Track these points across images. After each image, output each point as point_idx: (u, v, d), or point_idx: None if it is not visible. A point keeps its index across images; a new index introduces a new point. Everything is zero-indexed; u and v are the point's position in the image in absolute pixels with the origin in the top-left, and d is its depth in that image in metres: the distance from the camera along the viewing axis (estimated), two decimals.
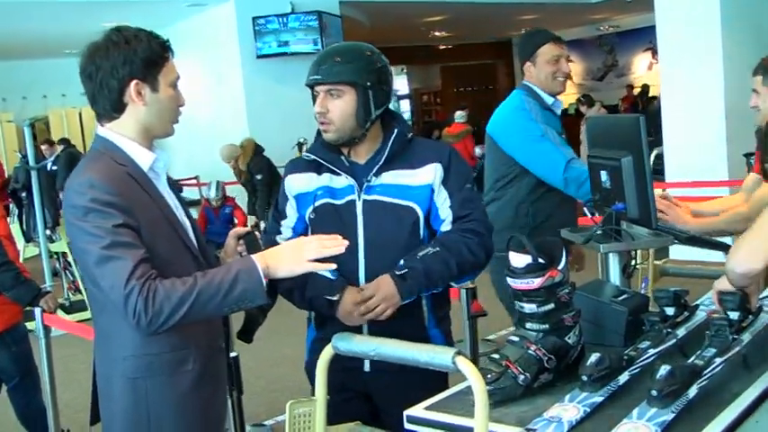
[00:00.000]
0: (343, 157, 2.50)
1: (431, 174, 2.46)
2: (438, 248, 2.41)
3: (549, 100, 3.60)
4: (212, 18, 11.89)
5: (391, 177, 2.47)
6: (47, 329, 3.79)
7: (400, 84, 23.21)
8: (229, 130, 11.77)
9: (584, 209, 2.64)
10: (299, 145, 9.87)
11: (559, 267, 2.00)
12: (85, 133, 14.04)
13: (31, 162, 7.12)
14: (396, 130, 2.49)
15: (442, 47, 19.77)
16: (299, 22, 10.93)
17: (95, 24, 11.13)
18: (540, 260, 1.98)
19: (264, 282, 1.99)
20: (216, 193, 8.88)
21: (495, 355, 2.00)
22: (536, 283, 1.97)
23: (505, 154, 3.54)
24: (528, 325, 2.03)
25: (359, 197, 2.46)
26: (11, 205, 9.56)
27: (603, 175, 2.55)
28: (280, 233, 2.60)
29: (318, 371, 2.01)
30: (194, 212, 11.09)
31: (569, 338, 2.04)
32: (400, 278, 2.36)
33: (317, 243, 2.06)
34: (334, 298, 2.40)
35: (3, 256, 3.63)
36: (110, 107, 2.08)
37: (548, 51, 3.57)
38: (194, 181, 11.32)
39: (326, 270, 2.19)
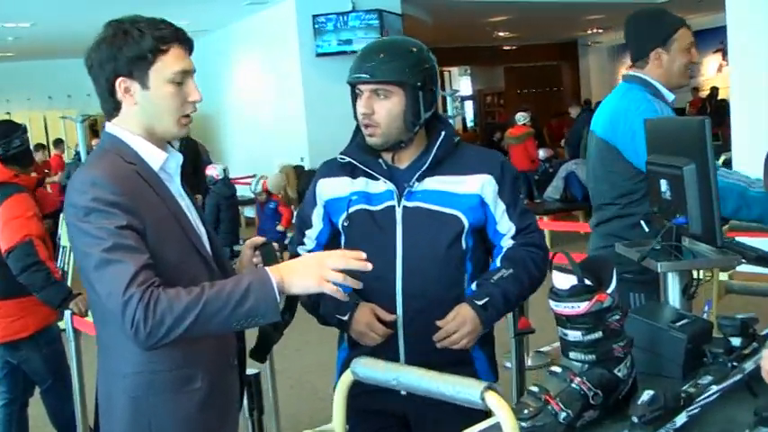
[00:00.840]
0: (381, 161, 2.31)
1: (480, 184, 2.27)
2: (511, 270, 2.26)
3: (669, 96, 2.99)
4: (272, 16, 11.85)
5: (435, 183, 2.27)
6: (77, 332, 3.67)
7: (464, 84, 22.98)
8: (289, 127, 11.72)
9: (642, 222, 2.38)
10: None
11: (609, 290, 1.76)
12: None
13: (83, 158, 7.10)
14: (443, 134, 2.29)
15: (506, 47, 19.43)
16: (359, 21, 10.80)
17: None
18: (587, 282, 1.75)
19: (279, 297, 1.80)
20: (257, 188, 8.75)
21: (534, 388, 1.77)
22: (582, 307, 1.74)
23: (632, 166, 2.89)
24: (572, 355, 1.79)
25: (399, 203, 2.27)
26: None
27: (663, 185, 2.29)
28: (303, 244, 2.42)
29: (336, 399, 1.83)
30: (250, 211, 11.11)
31: (619, 371, 1.80)
32: (482, 308, 2.21)
33: (341, 258, 1.85)
34: (344, 318, 2.24)
35: (34, 256, 3.53)
36: (106, 105, 1.95)
37: (684, 37, 2.98)
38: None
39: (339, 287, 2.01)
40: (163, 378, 1.90)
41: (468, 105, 23.07)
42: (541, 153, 11.12)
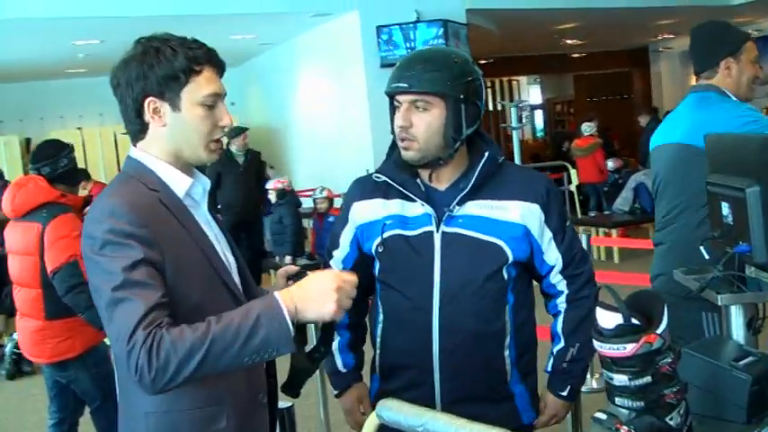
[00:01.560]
0: (419, 181, 2.17)
1: (523, 212, 2.12)
2: (578, 343, 2.21)
3: None
4: (337, 28, 11.81)
5: (477, 209, 2.13)
6: None
7: (534, 93, 22.66)
8: (353, 139, 11.66)
9: (701, 248, 2.18)
10: None
11: (659, 330, 1.60)
12: None
13: None
14: (486, 154, 2.14)
15: (575, 55, 19.05)
16: (423, 31, 10.66)
17: (223, 38, 11.26)
18: (635, 321, 1.59)
19: (292, 327, 1.65)
20: (321, 193, 8.64)
21: None
22: (628, 349, 1.58)
23: None
24: (618, 401, 1.64)
25: (437, 229, 2.12)
26: None
27: (725, 208, 2.09)
28: (328, 264, 2.31)
29: None
30: (309, 223, 11.10)
31: (671, 419, 1.64)
32: (568, 396, 2.27)
33: (350, 286, 1.72)
34: (335, 392, 2.34)
35: (78, 276, 3.50)
36: (131, 126, 1.85)
37: (751, 50, 2.95)
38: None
39: (342, 354, 2.30)
40: (186, 417, 1.80)
41: (538, 115, 22.75)
42: (610, 164, 10.78)
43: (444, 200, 2.14)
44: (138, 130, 1.85)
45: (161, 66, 1.78)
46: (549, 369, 2.26)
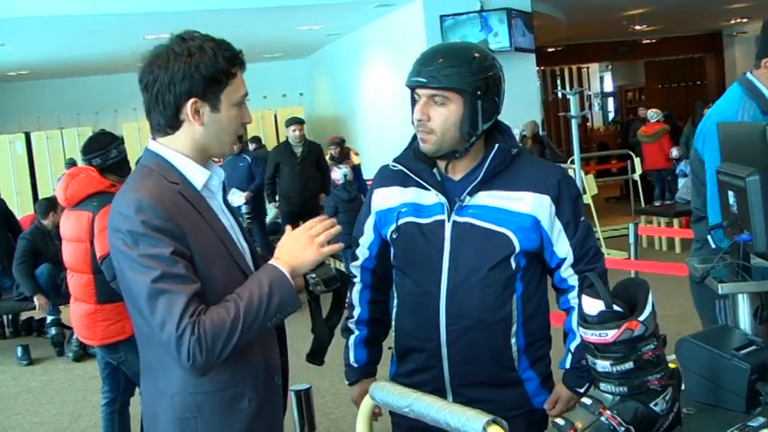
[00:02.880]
0: (435, 170, 2.22)
1: (534, 204, 2.14)
2: None
3: None
4: (400, 18, 11.85)
5: (488, 199, 2.16)
6: None
7: (605, 81, 22.30)
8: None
9: (708, 237, 2.18)
10: None
11: (642, 318, 1.62)
12: (280, 134, 14.50)
13: None
14: (497, 146, 2.17)
15: (645, 41, 18.66)
16: (488, 20, 10.61)
17: (291, 29, 11.39)
18: (617, 307, 1.62)
19: (294, 283, 1.85)
20: (341, 177, 8.37)
21: (561, 421, 1.66)
22: (610, 336, 1.61)
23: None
24: (602, 386, 1.67)
25: (449, 218, 2.17)
26: None
27: (731, 197, 2.09)
28: (356, 255, 2.40)
29: (359, 422, 1.77)
30: None
31: (656, 405, 1.66)
32: (584, 392, 2.13)
33: (321, 230, 1.92)
34: (346, 382, 2.39)
35: None
36: (164, 123, 1.89)
37: None
38: None
39: (356, 349, 2.38)
40: (211, 399, 1.88)
41: (610, 102, 22.39)
42: (674, 152, 10.55)
43: (458, 190, 2.18)
44: (169, 126, 1.89)
45: (207, 67, 1.83)
46: (567, 366, 2.25)
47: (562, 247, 2.18)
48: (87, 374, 6.35)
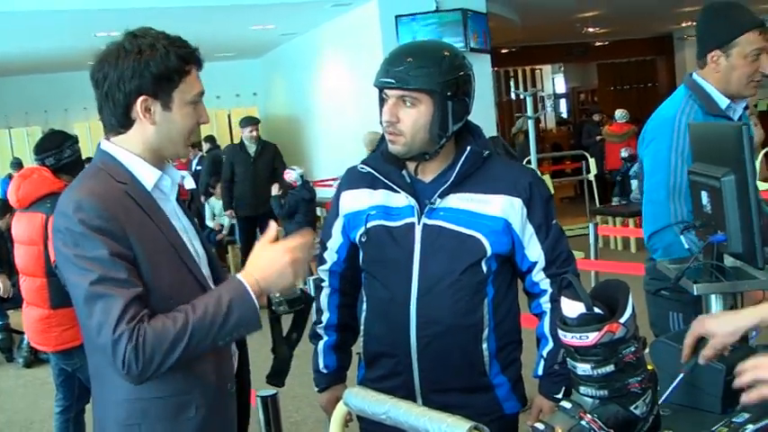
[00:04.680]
0: (404, 172, 2.17)
1: (505, 206, 2.10)
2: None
3: (723, 103, 2.64)
4: (356, 18, 11.80)
5: (459, 201, 2.11)
6: None
7: (558, 82, 22.52)
8: (373, 129, 11.66)
9: (681, 237, 2.16)
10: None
11: (622, 320, 1.59)
12: (234, 134, 14.33)
13: None
14: (469, 148, 2.12)
15: (598, 43, 18.89)
16: (443, 20, 10.62)
17: (244, 29, 11.25)
18: (597, 310, 1.59)
19: (257, 305, 1.76)
20: (298, 178, 8.37)
21: (540, 426, 1.62)
22: (591, 338, 1.58)
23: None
24: (582, 390, 1.64)
25: (419, 221, 2.12)
26: None
27: (704, 197, 2.08)
28: (323, 258, 2.34)
29: (332, 431, 1.70)
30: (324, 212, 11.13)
31: (636, 408, 1.64)
32: (562, 398, 2.07)
33: (303, 248, 1.82)
34: (316, 389, 2.32)
35: None
36: (116, 121, 1.84)
37: (749, 42, 2.58)
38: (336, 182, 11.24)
39: (325, 355, 2.28)
40: (157, 405, 1.82)
41: (562, 103, 22.61)
42: (623, 152, 10.61)
43: (428, 192, 2.13)
44: (120, 125, 1.84)
45: (156, 64, 1.78)
46: (540, 373, 2.21)
47: (534, 250, 2.15)
48: (39, 380, 6.20)
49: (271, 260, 1.79)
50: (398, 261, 2.13)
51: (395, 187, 2.15)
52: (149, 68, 1.77)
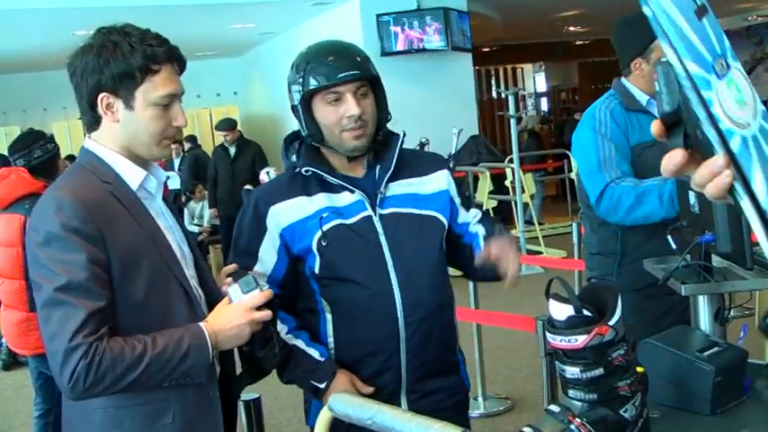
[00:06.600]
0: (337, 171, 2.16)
1: (440, 180, 2.21)
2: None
3: (643, 99, 2.79)
4: (337, 17, 11.76)
5: (400, 188, 2.17)
6: None
7: (539, 81, 22.53)
8: None
9: (668, 237, 2.15)
10: (422, 145, 9.49)
11: (611, 322, 1.57)
12: (215, 135, 14.24)
13: None
14: (401, 136, 2.18)
15: (579, 42, 18.94)
16: (424, 19, 10.60)
17: (224, 27, 11.20)
18: (586, 312, 1.57)
19: (210, 359, 1.78)
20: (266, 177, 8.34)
21: (528, 430, 1.60)
22: (580, 341, 1.56)
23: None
24: (571, 393, 1.62)
25: (375, 212, 2.11)
26: None
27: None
28: None
29: None
30: None
31: (625, 411, 1.62)
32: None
33: (260, 320, 1.83)
34: (321, 386, 2.08)
35: None
36: (86, 117, 1.83)
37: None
38: None
39: (313, 348, 2.11)
40: (132, 413, 1.78)
41: (543, 102, 22.63)
42: None
43: (366, 185, 2.13)
44: (91, 121, 1.83)
45: (117, 62, 1.75)
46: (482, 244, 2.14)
47: (463, 213, 2.24)
48: (18, 383, 6.11)
49: (232, 321, 1.80)
50: (369, 256, 2.10)
51: (341, 186, 2.11)
52: (108, 65, 1.75)
